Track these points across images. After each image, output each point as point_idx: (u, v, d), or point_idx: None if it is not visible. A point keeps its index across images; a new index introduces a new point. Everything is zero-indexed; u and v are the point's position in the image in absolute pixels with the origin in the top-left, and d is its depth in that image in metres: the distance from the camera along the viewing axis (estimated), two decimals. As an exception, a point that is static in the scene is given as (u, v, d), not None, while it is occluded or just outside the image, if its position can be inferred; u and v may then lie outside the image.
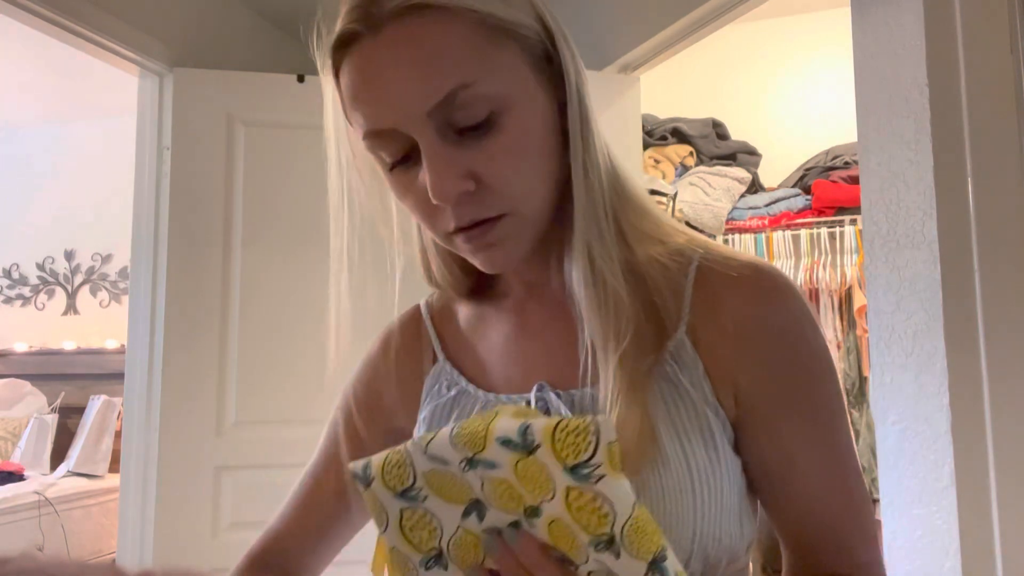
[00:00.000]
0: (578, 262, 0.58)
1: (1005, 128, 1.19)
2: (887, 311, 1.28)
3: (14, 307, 4.71)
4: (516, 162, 0.55)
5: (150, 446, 2.10)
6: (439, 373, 0.69)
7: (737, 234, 2.85)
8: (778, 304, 0.60)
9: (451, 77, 0.52)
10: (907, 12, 1.26)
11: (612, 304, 0.57)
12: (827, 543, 0.60)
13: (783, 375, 0.59)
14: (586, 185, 0.59)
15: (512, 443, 0.45)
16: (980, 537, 1.14)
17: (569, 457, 0.43)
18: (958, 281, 1.19)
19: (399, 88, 0.53)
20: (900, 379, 1.25)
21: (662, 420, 0.57)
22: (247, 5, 2.49)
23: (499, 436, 0.45)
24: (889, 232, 1.28)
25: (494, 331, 0.68)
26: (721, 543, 0.56)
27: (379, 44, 0.53)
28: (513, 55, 0.55)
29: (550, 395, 0.60)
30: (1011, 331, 1.15)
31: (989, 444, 1.15)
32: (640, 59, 2.26)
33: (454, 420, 0.66)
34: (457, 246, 0.59)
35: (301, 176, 2.22)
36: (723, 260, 0.61)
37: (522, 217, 0.57)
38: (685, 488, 0.55)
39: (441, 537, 0.51)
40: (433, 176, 0.53)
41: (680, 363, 0.59)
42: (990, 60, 1.20)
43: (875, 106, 1.32)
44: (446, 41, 0.53)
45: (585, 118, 0.59)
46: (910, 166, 1.25)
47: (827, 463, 0.60)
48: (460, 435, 0.47)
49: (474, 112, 0.53)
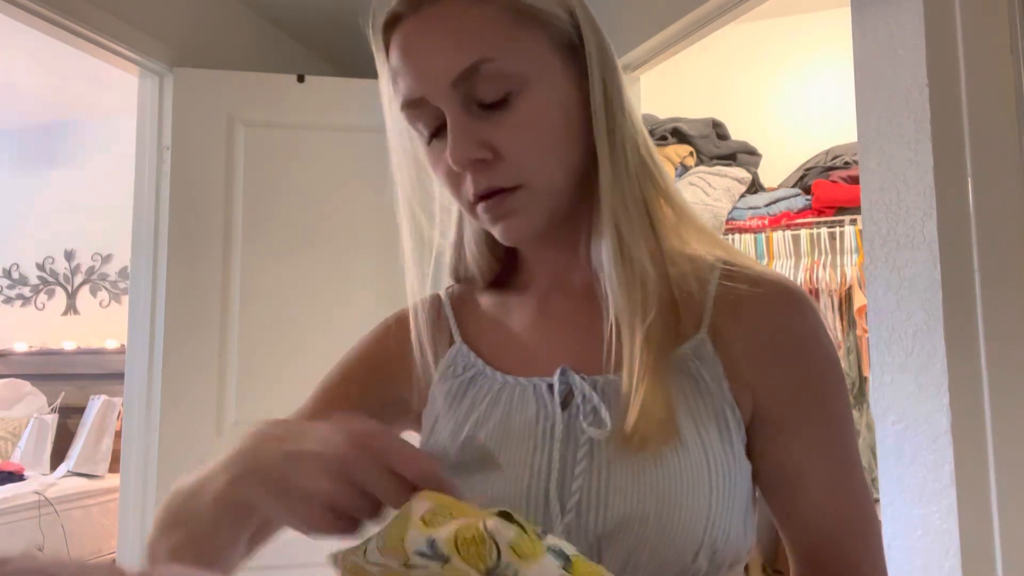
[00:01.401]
0: (607, 238, 0.61)
1: (1005, 128, 1.19)
2: (887, 311, 1.28)
3: (14, 307, 4.71)
4: (532, 137, 0.59)
5: (150, 446, 2.10)
6: (455, 355, 0.70)
7: (737, 234, 2.85)
8: (798, 315, 0.62)
9: (474, 52, 0.57)
10: (907, 12, 1.26)
11: (639, 280, 0.59)
12: (835, 550, 0.61)
13: (800, 383, 0.61)
14: (613, 168, 0.61)
15: (426, 555, 0.46)
16: (980, 537, 1.14)
17: (479, 564, 0.44)
18: (958, 281, 1.19)
19: (428, 60, 0.58)
20: (900, 379, 1.25)
21: (682, 408, 0.58)
22: (247, 5, 2.49)
23: (415, 550, 0.46)
24: (889, 232, 1.28)
25: (516, 317, 0.70)
26: (729, 539, 0.57)
27: (417, 22, 0.59)
28: (537, 39, 0.59)
29: (574, 378, 0.61)
30: (1011, 331, 1.15)
31: (989, 444, 1.15)
32: (640, 59, 2.26)
33: (469, 403, 0.65)
34: (479, 216, 0.62)
35: (301, 176, 2.23)
36: (746, 269, 0.64)
37: (536, 190, 0.60)
38: (702, 473, 0.56)
39: None
40: (452, 142, 0.58)
41: (701, 359, 0.61)
42: (990, 60, 1.20)
43: (875, 106, 1.32)
44: (474, 20, 0.58)
45: (611, 105, 0.62)
46: (910, 166, 1.25)
47: (838, 472, 0.61)
48: (384, 549, 0.47)
49: (495, 87, 0.58)
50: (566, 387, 0.62)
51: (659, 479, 0.55)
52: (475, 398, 0.65)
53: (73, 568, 0.29)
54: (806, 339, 0.62)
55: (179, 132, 2.17)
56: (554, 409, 0.61)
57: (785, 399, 0.61)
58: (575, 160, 0.62)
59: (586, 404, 0.60)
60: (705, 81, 3.36)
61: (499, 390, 0.65)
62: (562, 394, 0.61)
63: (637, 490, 0.55)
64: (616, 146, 0.62)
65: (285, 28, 2.64)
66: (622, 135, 0.62)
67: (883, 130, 1.30)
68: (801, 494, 0.61)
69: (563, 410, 0.61)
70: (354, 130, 2.17)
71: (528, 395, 0.63)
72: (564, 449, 0.59)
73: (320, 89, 2.27)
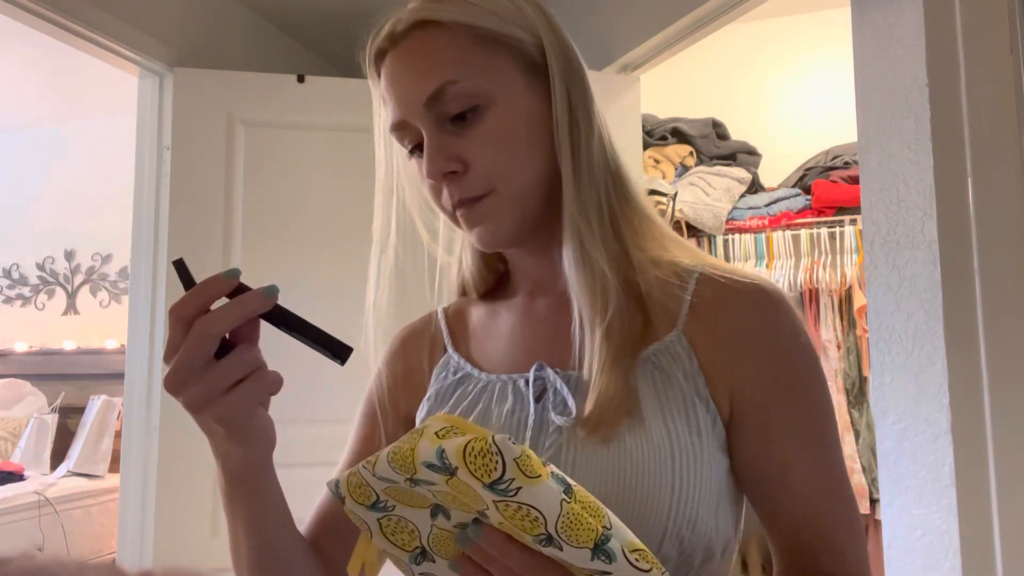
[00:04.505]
0: (567, 247, 0.66)
1: (1005, 128, 1.19)
2: (887, 311, 1.28)
3: (14, 307, 4.71)
4: (498, 148, 0.65)
5: (150, 446, 2.10)
6: (447, 362, 0.76)
7: (737, 234, 2.85)
8: (773, 314, 0.65)
9: (440, 76, 0.64)
10: (907, 12, 1.26)
11: (599, 283, 0.64)
12: (817, 546, 0.62)
13: (777, 380, 0.63)
14: (575, 178, 0.66)
15: (435, 466, 0.47)
16: (980, 537, 1.14)
17: (484, 477, 0.46)
18: (958, 281, 1.19)
19: (404, 87, 0.66)
20: (900, 379, 1.25)
21: (650, 400, 0.62)
22: (247, 5, 2.49)
23: (423, 461, 0.48)
24: (889, 232, 1.28)
25: (503, 323, 0.75)
26: (696, 529, 0.59)
27: (397, 54, 0.67)
28: (501, 59, 0.66)
29: (548, 372, 0.66)
30: (1011, 331, 1.15)
31: (989, 444, 1.15)
32: (640, 59, 2.26)
33: (455, 401, 0.71)
34: (460, 224, 0.68)
35: (301, 176, 2.23)
36: (724, 273, 0.67)
37: (504, 195, 0.65)
38: (665, 462, 0.59)
39: (420, 536, 0.55)
40: (426, 158, 0.65)
41: (672, 355, 0.64)
42: (990, 60, 1.20)
43: (875, 106, 1.32)
44: (440, 48, 0.65)
45: (575, 119, 0.67)
46: (910, 166, 1.25)
47: (819, 468, 0.63)
48: (394, 460, 0.50)
49: (462, 105, 0.64)
50: (542, 381, 0.66)
51: (621, 465, 0.59)
52: (460, 396, 0.71)
53: (73, 568, 0.29)
54: (782, 337, 0.64)
55: (179, 132, 2.17)
56: (528, 401, 0.66)
57: (763, 396, 0.63)
58: (541, 169, 0.67)
59: (556, 396, 0.65)
60: (705, 81, 3.36)
61: (482, 388, 0.70)
62: (538, 388, 0.66)
63: (599, 475, 0.59)
64: (579, 158, 0.66)
65: (285, 28, 2.64)
66: (587, 147, 0.67)
67: (883, 130, 1.30)
68: (784, 490, 0.63)
69: (537, 402, 0.66)
70: (354, 130, 2.16)
71: (507, 390, 0.68)
72: (535, 437, 0.64)
73: (320, 89, 2.27)
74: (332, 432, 1.17)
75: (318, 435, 1.75)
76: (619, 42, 2.25)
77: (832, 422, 0.65)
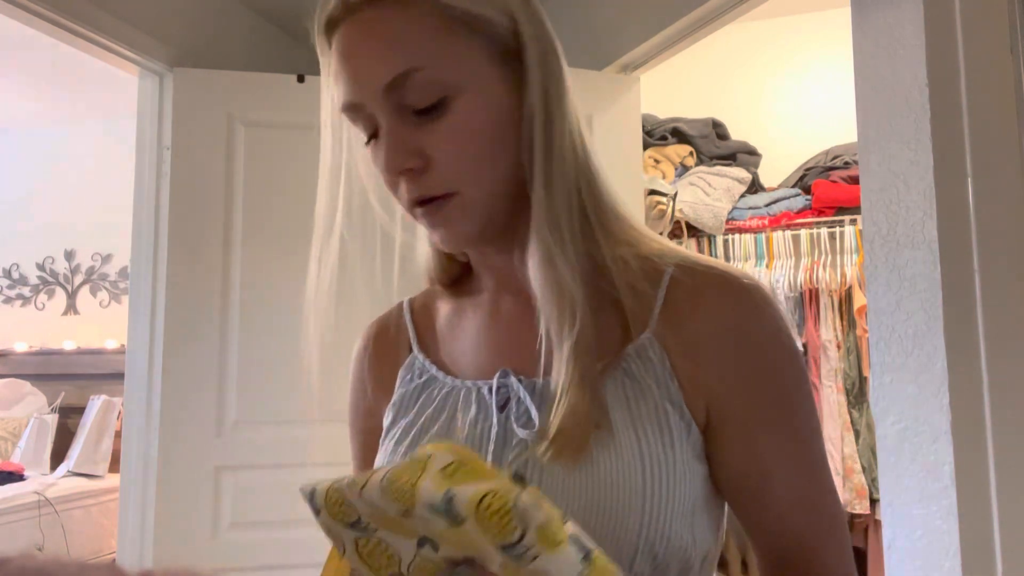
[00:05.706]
0: (533, 252, 0.60)
1: (1005, 128, 1.19)
2: (887, 311, 1.28)
3: (14, 307, 4.71)
4: (463, 145, 0.58)
5: (150, 446, 2.10)
6: (411, 363, 0.71)
7: (737, 234, 2.85)
8: (753, 313, 0.60)
9: (403, 61, 0.57)
10: (907, 12, 1.26)
11: (567, 300, 0.58)
12: (800, 552, 0.60)
13: (758, 384, 0.59)
14: (546, 181, 0.60)
15: (439, 511, 0.43)
16: (980, 537, 1.14)
17: (499, 538, 0.42)
18: (958, 281, 1.19)
19: (361, 66, 0.58)
20: (900, 379, 1.25)
21: (619, 410, 0.58)
22: (247, 5, 2.49)
23: (426, 502, 0.43)
24: (889, 232, 1.28)
25: (469, 322, 0.70)
26: (670, 543, 0.56)
27: (354, 27, 0.59)
28: (471, 47, 0.59)
29: (512, 381, 0.62)
30: (1011, 331, 1.15)
31: (989, 444, 1.15)
32: (640, 59, 2.26)
33: (419, 407, 0.67)
34: (419, 220, 0.62)
35: (301, 176, 2.21)
36: (698, 269, 0.62)
37: (469, 198, 0.60)
38: (635, 476, 0.55)
39: (401, 563, 0.50)
40: (384, 151, 0.58)
41: (643, 360, 0.60)
42: (990, 60, 1.20)
43: (875, 106, 1.32)
44: (405, 28, 0.57)
45: (549, 115, 0.61)
46: (910, 166, 1.25)
47: (802, 472, 0.60)
48: (389, 489, 0.45)
49: (426, 95, 0.57)
50: (506, 390, 0.62)
51: (588, 482, 0.55)
52: (425, 402, 0.67)
53: (73, 568, 0.29)
54: (760, 339, 0.60)
55: (179, 132, 2.16)
56: (492, 411, 0.62)
57: (742, 396, 0.59)
58: (509, 168, 0.61)
59: (519, 406, 0.60)
60: (705, 81, 3.36)
61: (447, 394, 0.66)
62: (502, 397, 0.62)
63: (565, 492, 0.56)
64: (551, 158, 0.60)
65: (285, 28, 2.64)
66: (560, 145, 0.61)
67: (883, 130, 1.30)
68: (766, 495, 0.59)
69: (501, 412, 0.61)
70: (354, 130, 2.17)
71: (471, 398, 0.64)
72: (499, 450, 0.60)
73: (320, 89, 2.27)
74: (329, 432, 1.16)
75: (317, 435, 1.75)
76: (619, 42, 2.25)
77: (815, 422, 0.62)
